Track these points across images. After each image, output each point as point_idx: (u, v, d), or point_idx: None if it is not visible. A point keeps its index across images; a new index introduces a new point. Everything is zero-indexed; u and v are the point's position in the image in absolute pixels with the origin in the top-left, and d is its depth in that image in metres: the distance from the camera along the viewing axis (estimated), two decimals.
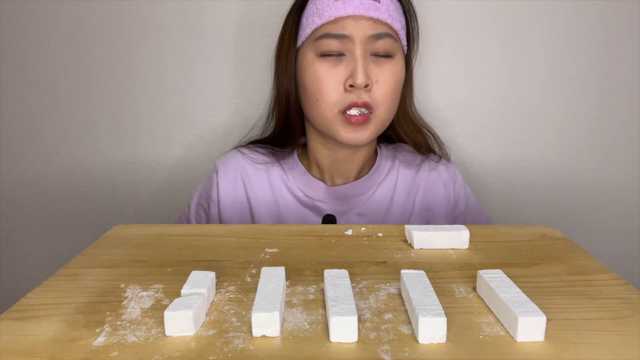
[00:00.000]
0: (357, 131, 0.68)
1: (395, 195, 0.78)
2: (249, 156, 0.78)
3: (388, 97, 0.69)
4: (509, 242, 0.57)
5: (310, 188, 0.76)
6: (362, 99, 0.66)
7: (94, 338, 0.38)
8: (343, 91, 0.67)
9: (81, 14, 0.89)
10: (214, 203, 0.78)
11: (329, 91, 0.67)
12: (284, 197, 0.77)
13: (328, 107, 0.68)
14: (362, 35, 0.67)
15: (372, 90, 0.68)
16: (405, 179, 0.79)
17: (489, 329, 0.39)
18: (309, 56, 0.69)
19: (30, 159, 0.96)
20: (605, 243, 0.97)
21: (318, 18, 0.68)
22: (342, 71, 0.67)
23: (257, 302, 0.39)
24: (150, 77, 0.92)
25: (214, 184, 0.78)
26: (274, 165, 0.78)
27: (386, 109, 0.70)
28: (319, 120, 0.70)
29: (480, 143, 0.94)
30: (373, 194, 0.77)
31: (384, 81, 0.68)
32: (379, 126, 0.71)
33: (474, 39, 0.90)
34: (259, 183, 0.77)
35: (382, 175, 0.78)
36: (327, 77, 0.67)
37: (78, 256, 0.53)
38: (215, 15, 0.89)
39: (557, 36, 0.89)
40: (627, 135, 0.93)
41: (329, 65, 0.67)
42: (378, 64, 0.68)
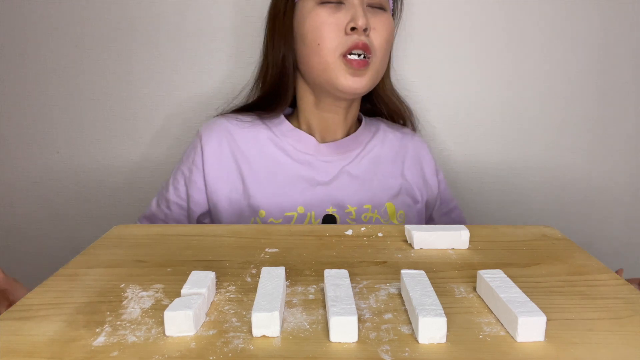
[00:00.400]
0: (356, 76, 0.70)
1: (384, 154, 0.81)
2: (233, 119, 0.79)
3: (383, 45, 0.72)
4: (509, 242, 0.57)
5: (300, 142, 0.77)
6: (362, 40, 0.69)
7: (94, 338, 0.38)
8: (344, 35, 0.69)
9: (81, 14, 0.89)
10: (198, 168, 0.76)
11: (330, 35, 0.69)
12: (273, 153, 0.77)
13: (329, 52, 0.69)
14: None
15: (370, 36, 0.71)
16: (392, 141, 0.82)
17: (489, 329, 0.39)
18: (309, 5, 0.71)
19: (30, 159, 0.96)
20: (605, 243, 0.97)
21: None
22: (343, 17, 0.69)
23: (257, 302, 0.39)
24: (151, 77, 0.92)
25: (198, 149, 0.77)
26: (258, 123, 0.79)
27: (381, 58, 0.73)
28: (320, 66, 0.71)
29: (480, 143, 0.94)
30: (361, 152, 0.79)
31: (380, 28, 0.71)
32: (374, 75, 0.73)
33: (473, 38, 0.90)
34: (245, 142, 0.77)
35: (369, 135, 0.81)
36: (328, 21, 0.69)
37: (78, 256, 0.53)
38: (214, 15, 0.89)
39: (557, 36, 0.89)
40: (627, 135, 0.93)
41: (329, 12, 0.70)
42: (374, 14, 0.72)
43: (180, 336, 0.38)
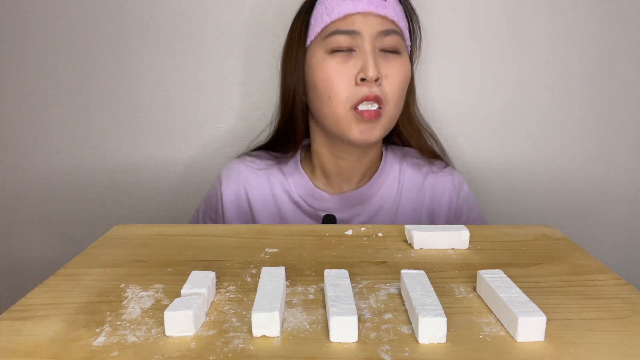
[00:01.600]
0: (368, 128, 0.69)
1: (402, 203, 0.77)
2: (250, 165, 0.79)
3: (397, 93, 0.70)
4: (509, 242, 0.57)
5: (313, 198, 0.76)
6: (373, 92, 0.67)
7: (94, 338, 0.38)
8: (354, 86, 0.68)
9: (82, 13, 0.89)
10: (219, 215, 0.79)
11: (341, 87, 0.68)
12: (286, 208, 0.77)
13: (340, 104, 0.68)
14: (371, 31, 0.68)
15: (382, 85, 0.69)
16: (413, 182, 0.78)
17: (489, 329, 0.39)
18: (319, 54, 0.69)
19: (30, 159, 0.96)
20: (605, 243, 0.97)
21: (327, 16, 0.69)
22: (353, 66, 0.68)
23: (257, 302, 0.39)
24: (151, 78, 0.92)
25: (219, 195, 0.78)
26: (273, 171, 0.78)
27: (394, 105, 0.71)
28: (331, 118, 0.70)
29: (480, 143, 0.94)
30: (378, 201, 0.76)
31: (393, 76, 0.69)
32: (387, 123, 0.71)
33: (473, 39, 0.90)
34: (260, 193, 0.77)
35: (386, 181, 0.78)
36: (338, 73, 0.68)
37: (78, 256, 0.53)
38: (221, 17, 0.89)
39: (557, 36, 0.89)
40: (628, 135, 0.93)
41: (339, 62, 0.68)
42: (386, 60, 0.69)
43: (180, 336, 0.38)
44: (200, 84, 0.92)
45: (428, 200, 0.78)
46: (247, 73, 0.91)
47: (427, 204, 0.78)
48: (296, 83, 0.73)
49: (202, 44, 0.90)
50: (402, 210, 0.77)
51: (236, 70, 0.91)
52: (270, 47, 0.89)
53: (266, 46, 0.90)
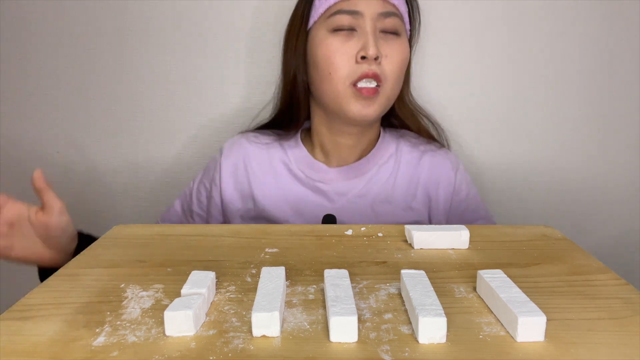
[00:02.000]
0: (366, 104, 0.71)
1: (398, 178, 0.79)
2: (252, 139, 0.81)
3: (395, 72, 0.72)
4: (509, 242, 0.57)
5: (311, 169, 0.78)
6: (372, 69, 0.69)
7: (94, 338, 0.38)
8: (354, 63, 0.70)
9: (82, 13, 0.89)
10: (216, 185, 0.80)
11: (342, 64, 0.70)
12: (284, 178, 0.78)
13: (340, 80, 0.70)
14: (373, 12, 0.70)
15: (382, 64, 0.71)
16: (409, 162, 0.80)
17: (489, 329, 0.39)
18: (321, 33, 0.72)
19: (30, 159, 0.96)
20: (605, 243, 0.97)
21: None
22: (354, 45, 0.70)
23: (257, 302, 0.39)
24: (150, 77, 0.92)
25: (217, 165, 0.80)
26: (274, 145, 0.80)
27: (393, 84, 0.73)
28: (331, 94, 0.72)
29: (480, 143, 0.94)
30: (374, 175, 0.78)
31: (392, 56, 0.71)
32: (384, 102, 0.73)
33: (473, 38, 0.90)
34: (259, 165, 0.79)
35: (383, 157, 0.80)
36: (340, 50, 0.70)
37: (78, 256, 0.53)
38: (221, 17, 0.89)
39: (558, 36, 0.89)
40: (628, 135, 0.93)
41: (341, 40, 0.70)
42: (386, 40, 0.72)
43: (180, 336, 0.38)
44: (200, 84, 0.92)
45: (425, 176, 0.79)
46: (248, 74, 0.91)
47: (423, 181, 0.79)
48: (298, 62, 0.75)
49: (202, 44, 0.90)
50: (399, 185, 0.78)
51: (236, 70, 0.91)
52: (270, 47, 0.89)
53: (267, 48, 0.90)
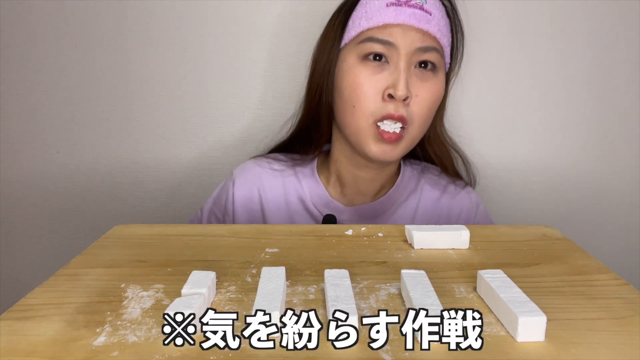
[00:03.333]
0: (387, 149, 0.66)
1: (417, 218, 0.75)
2: (266, 167, 0.76)
3: (424, 114, 0.67)
4: (509, 242, 0.57)
5: (327, 208, 0.74)
6: (399, 112, 0.64)
7: (94, 338, 0.38)
8: (381, 100, 0.64)
9: (82, 13, 0.89)
10: (229, 215, 0.76)
11: (367, 98, 0.65)
12: (299, 216, 0.74)
13: (363, 116, 0.65)
14: (410, 46, 0.64)
15: (410, 105, 0.65)
16: (428, 202, 0.76)
17: (489, 329, 0.39)
18: (351, 59, 0.66)
19: (30, 159, 0.96)
20: (605, 243, 0.97)
21: (366, 21, 0.65)
22: (383, 80, 0.65)
23: (258, 302, 0.39)
24: (151, 78, 0.92)
25: (230, 195, 0.76)
26: (289, 172, 0.75)
27: (419, 126, 0.68)
28: (352, 128, 0.67)
29: (480, 143, 0.94)
30: (392, 215, 0.74)
31: (423, 97, 0.66)
32: (409, 144, 0.69)
33: (472, 39, 0.90)
34: (274, 200, 0.75)
35: (402, 196, 0.75)
36: (367, 83, 0.64)
37: (78, 256, 0.53)
38: (222, 17, 0.89)
39: (557, 35, 0.89)
40: (628, 135, 0.93)
41: (370, 72, 0.65)
42: (421, 77, 0.66)
43: None
44: (200, 84, 0.92)
45: (444, 218, 0.76)
46: (250, 74, 0.91)
47: (442, 221, 0.76)
48: (325, 83, 0.70)
49: (203, 44, 0.90)
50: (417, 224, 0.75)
51: (238, 70, 0.91)
52: (272, 47, 0.89)
53: (268, 47, 0.90)
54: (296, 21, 0.87)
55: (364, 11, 0.66)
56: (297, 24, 0.87)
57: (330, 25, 0.71)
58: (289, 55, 0.89)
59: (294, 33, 0.87)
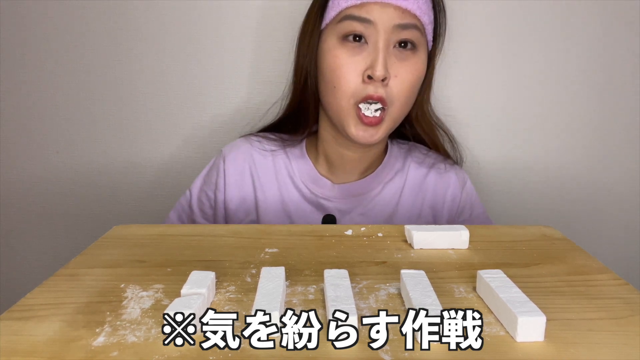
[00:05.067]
0: (368, 132, 0.67)
1: (403, 197, 0.76)
2: (256, 145, 0.77)
3: (404, 94, 0.67)
4: (509, 242, 0.57)
5: (316, 185, 0.76)
6: (378, 92, 0.64)
7: (94, 338, 0.38)
8: (361, 82, 0.65)
9: (82, 13, 0.89)
10: (220, 191, 0.76)
11: (347, 80, 0.65)
12: (288, 192, 0.76)
13: (344, 97, 0.66)
14: (387, 24, 0.64)
15: (390, 85, 0.66)
16: (415, 181, 0.77)
17: (489, 329, 0.39)
18: (331, 41, 0.67)
19: (30, 159, 0.96)
20: (605, 243, 0.97)
21: (344, 1, 0.66)
22: (362, 60, 0.65)
23: (257, 302, 0.39)
24: (150, 77, 0.92)
25: (221, 172, 0.76)
26: (279, 153, 0.77)
27: (400, 106, 0.68)
28: (334, 108, 0.68)
29: (480, 143, 0.94)
30: (379, 194, 0.76)
31: (403, 77, 0.66)
32: (390, 124, 0.69)
33: (472, 39, 0.90)
34: (265, 176, 0.76)
35: (389, 174, 0.77)
36: (347, 64, 0.65)
37: (78, 256, 0.53)
38: (222, 17, 0.89)
39: (557, 37, 0.89)
40: (628, 136, 0.93)
41: (350, 53, 0.65)
42: (400, 57, 0.66)
43: None
44: (200, 83, 0.92)
45: (430, 197, 0.77)
46: (249, 74, 0.91)
47: (428, 201, 0.77)
48: (310, 66, 0.71)
49: (203, 44, 0.90)
50: (403, 203, 0.76)
51: (237, 70, 0.91)
52: (273, 45, 0.89)
53: (271, 47, 0.90)
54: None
55: None
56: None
57: (312, 8, 0.71)
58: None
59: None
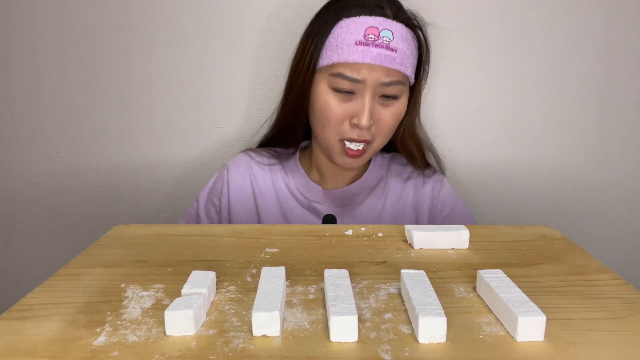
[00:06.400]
0: (353, 161, 0.75)
1: (387, 201, 0.83)
2: (255, 159, 0.85)
3: (386, 132, 0.75)
4: (509, 242, 0.57)
5: (307, 190, 0.82)
6: (362, 136, 0.72)
7: (94, 338, 0.38)
8: (347, 125, 0.73)
9: (82, 13, 0.89)
10: (225, 197, 0.83)
11: (335, 122, 0.73)
12: (285, 198, 0.83)
13: (332, 134, 0.74)
14: (375, 82, 0.70)
15: (372, 127, 0.73)
16: (397, 186, 0.84)
17: (489, 329, 0.39)
18: (322, 87, 0.73)
19: (30, 159, 0.96)
20: (605, 243, 0.97)
21: (336, 56, 0.70)
22: (350, 108, 0.72)
23: (258, 302, 0.39)
24: (151, 78, 0.92)
25: (225, 181, 0.83)
26: (277, 167, 0.84)
27: (382, 140, 0.76)
28: (322, 140, 0.76)
29: (480, 143, 0.94)
30: (365, 198, 0.83)
31: (385, 120, 0.73)
32: (372, 153, 0.77)
33: (474, 39, 0.90)
34: (264, 184, 0.83)
35: (373, 182, 0.83)
36: (336, 110, 0.72)
37: (78, 256, 0.53)
38: (223, 17, 0.89)
39: (557, 36, 0.89)
40: (627, 136, 0.93)
41: (340, 101, 0.72)
42: (383, 105, 0.73)
43: (180, 336, 0.38)
44: (200, 84, 0.92)
45: (411, 198, 0.83)
46: (249, 73, 0.91)
47: (410, 202, 0.84)
48: (302, 103, 0.76)
49: (203, 44, 0.90)
50: (387, 208, 0.83)
51: (237, 70, 0.91)
52: (272, 46, 0.90)
53: (269, 46, 0.90)
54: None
55: (335, 44, 0.71)
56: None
57: (304, 47, 0.75)
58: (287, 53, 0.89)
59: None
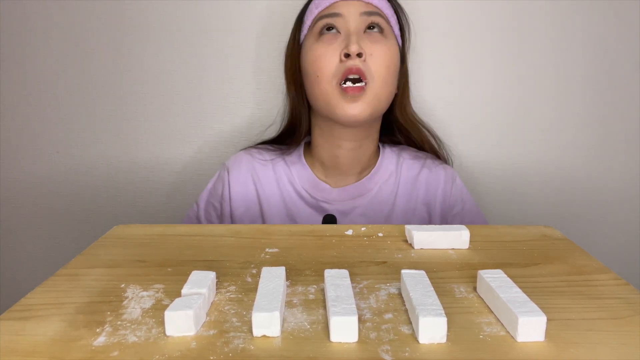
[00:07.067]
0: (353, 104, 0.71)
1: (398, 196, 0.80)
2: (256, 156, 0.82)
3: (381, 70, 0.72)
4: (509, 242, 0.57)
5: (315, 189, 0.79)
6: (356, 65, 0.70)
7: (94, 338, 0.38)
8: (339, 62, 0.71)
9: (82, 13, 0.89)
10: (226, 202, 0.80)
11: (327, 64, 0.71)
12: (291, 198, 0.80)
13: (327, 80, 0.72)
14: (354, 14, 0.72)
15: (367, 62, 0.71)
16: (408, 180, 0.81)
17: (489, 329, 0.39)
18: (309, 42, 0.75)
19: (30, 159, 0.96)
20: (605, 243, 0.97)
21: (316, 9, 0.75)
22: (338, 46, 0.72)
23: (258, 302, 0.39)
24: (151, 77, 0.92)
25: (226, 183, 0.80)
26: (279, 161, 0.81)
27: (381, 83, 0.72)
28: (320, 96, 0.73)
29: (480, 143, 0.94)
30: (376, 194, 0.79)
31: (377, 54, 0.72)
32: (373, 101, 0.72)
33: (474, 39, 0.90)
34: (267, 182, 0.80)
35: (384, 176, 0.80)
36: (325, 53, 0.72)
37: (78, 256, 0.53)
38: (223, 17, 0.89)
39: (557, 35, 0.89)
40: (627, 135, 0.93)
41: (326, 43, 0.72)
42: (371, 40, 0.73)
43: (180, 336, 0.38)
44: (200, 83, 0.92)
45: (422, 193, 0.80)
46: (249, 73, 0.91)
47: (422, 197, 0.80)
48: (296, 79, 0.77)
49: (203, 44, 0.90)
50: (399, 203, 0.80)
51: (237, 70, 0.91)
52: (272, 47, 0.90)
53: (269, 46, 0.90)
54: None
55: (314, 5, 0.76)
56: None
57: (292, 30, 0.80)
58: None
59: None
